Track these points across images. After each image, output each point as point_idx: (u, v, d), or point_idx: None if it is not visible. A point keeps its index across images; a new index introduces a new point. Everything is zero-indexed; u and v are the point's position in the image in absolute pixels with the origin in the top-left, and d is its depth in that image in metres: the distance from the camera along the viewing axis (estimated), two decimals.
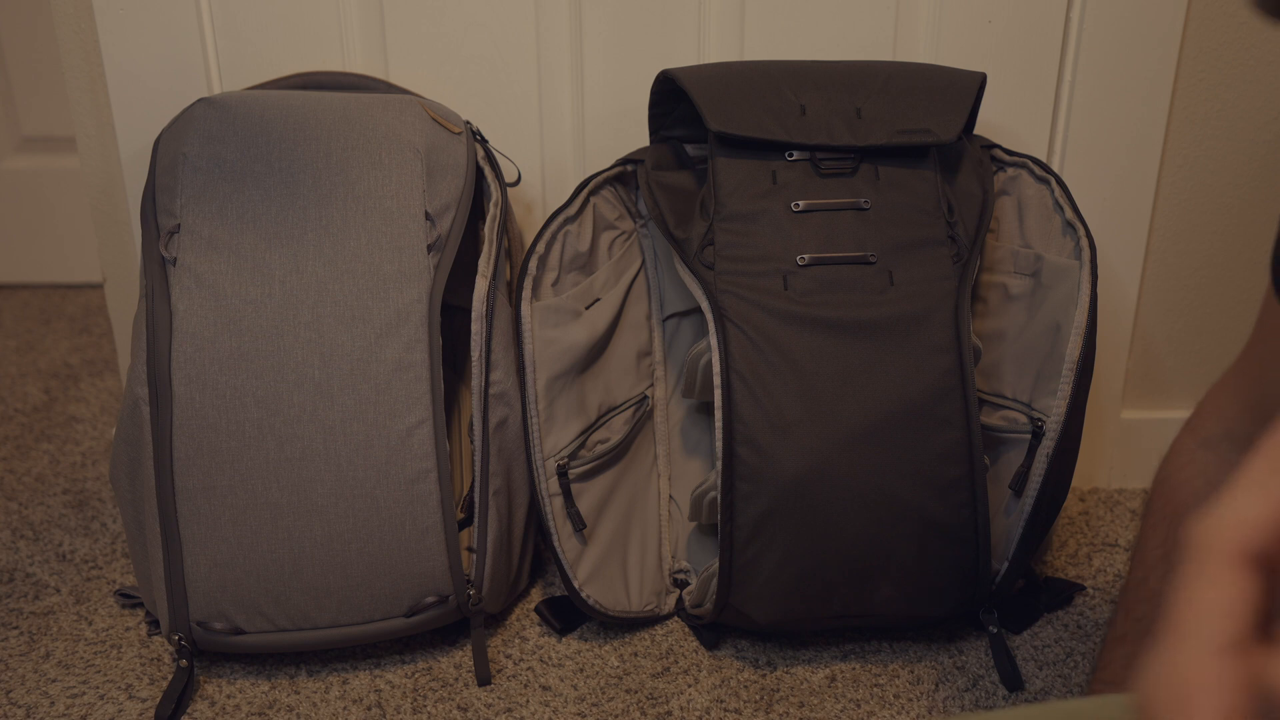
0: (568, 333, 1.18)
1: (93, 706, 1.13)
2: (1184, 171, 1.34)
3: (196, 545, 1.09)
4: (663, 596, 1.24)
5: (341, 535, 1.10)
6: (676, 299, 1.29)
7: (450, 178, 1.16)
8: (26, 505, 1.44)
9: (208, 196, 1.11)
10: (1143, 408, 1.45)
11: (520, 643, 1.21)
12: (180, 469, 1.08)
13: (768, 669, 1.18)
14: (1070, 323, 1.13)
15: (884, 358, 1.09)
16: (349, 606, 1.12)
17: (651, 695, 1.14)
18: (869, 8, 1.27)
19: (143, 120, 1.27)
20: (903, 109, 1.15)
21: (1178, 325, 1.41)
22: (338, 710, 1.13)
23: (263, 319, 1.09)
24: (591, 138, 1.32)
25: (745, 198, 1.13)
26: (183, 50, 1.26)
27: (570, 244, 1.20)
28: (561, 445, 1.18)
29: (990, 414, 1.21)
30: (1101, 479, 1.47)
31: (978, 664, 1.18)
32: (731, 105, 1.14)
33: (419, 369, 1.11)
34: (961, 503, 1.09)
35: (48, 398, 1.69)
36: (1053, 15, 1.26)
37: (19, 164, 1.97)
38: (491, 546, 1.16)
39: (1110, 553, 1.36)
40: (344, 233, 1.11)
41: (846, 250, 1.12)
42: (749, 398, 1.09)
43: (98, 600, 1.27)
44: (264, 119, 1.13)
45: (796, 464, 1.07)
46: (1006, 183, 1.23)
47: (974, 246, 1.14)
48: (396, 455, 1.10)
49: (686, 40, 1.28)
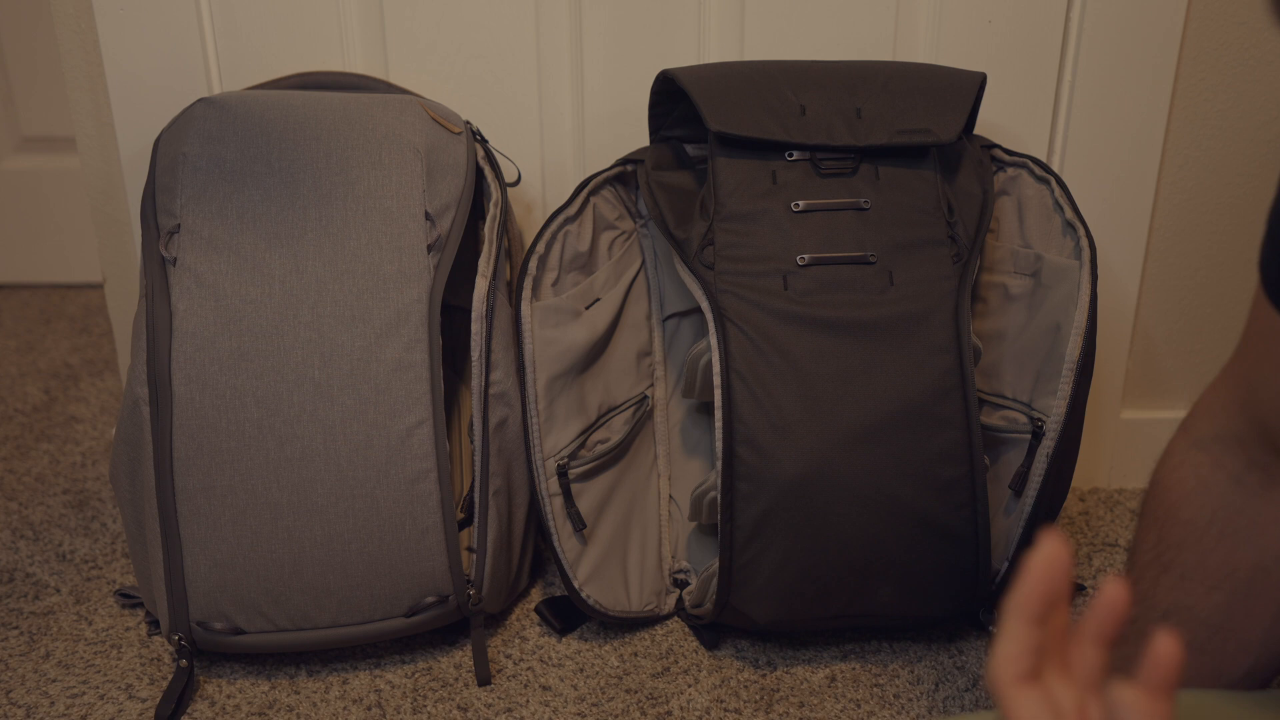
0: (568, 333, 1.18)
1: (93, 706, 1.13)
2: (1184, 171, 1.34)
3: (196, 545, 1.09)
4: (663, 596, 1.24)
5: (341, 535, 1.10)
6: (676, 299, 1.29)
7: (450, 178, 1.16)
8: (26, 505, 1.44)
9: (208, 196, 1.11)
10: (1143, 408, 1.45)
11: (520, 643, 1.21)
12: (180, 469, 1.08)
13: (768, 669, 1.18)
14: (1070, 323, 1.13)
15: (884, 358, 1.09)
16: (349, 606, 1.12)
17: (651, 695, 1.15)
18: (869, 8, 1.27)
19: (143, 120, 1.27)
20: (903, 109, 1.15)
21: (1178, 325, 1.41)
22: (338, 710, 1.13)
23: (263, 319, 1.09)
24: (591, 138, 1.32)
25: (745, 198, 1.13)
26: (183, 50, 1.26)
27: (570, 244, 1.21)
28: (561, 445, 1.18)
29: (990, 414, 1.21)
30: (1101, 479, 1.47)
31: (978, 664, 1.18)
32: (731, 105, 1.14)
33: (419, 369, 1.11)
34: (961, 503, 1.09)
35: (48, 398, 1.69)
36: (1053, 15, 1.26)
37: (19, 164, 1.97)
38: (491, 546, 1.16)
39: (1110, 553, 1.36)
40: (344, 233, 1.11)
41: (846, 250, 1.12)
42: (749, 398, 1.09)
43: (98, 600, 1.27)
44: (264, 119, 1.13)
45: (796, 464, 1.07)
46: (1006, 183, 1.23)
47: (974, 246, 1.14)
48: (396, 455, 1.10)
49: (686, 40, 1.28)
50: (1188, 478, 0.77)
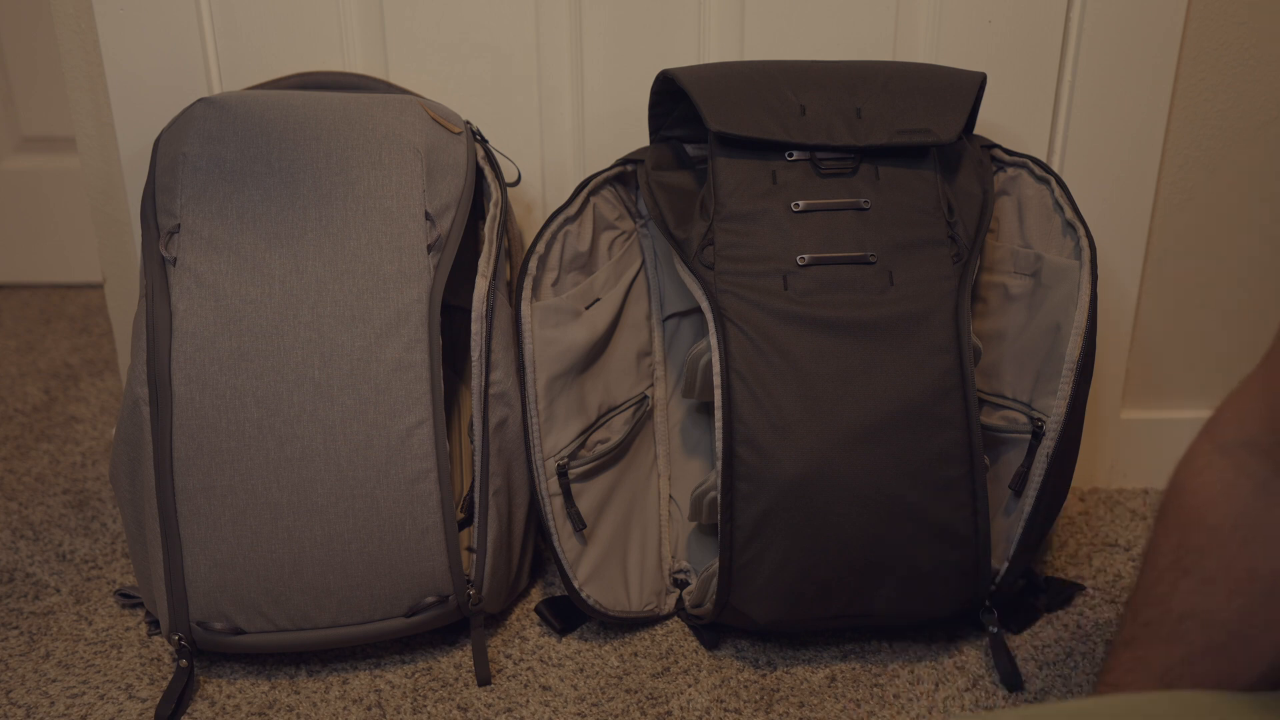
0: (568, 333, 1.18)
1: (93, 706, 1.13)
2: (1184, 171, 1.34)
3: (196, 545, 1.09)
4: (663, 596, 1.24)
5: (341, 535, 1.10)
6: (676, 299, 1.29)
7: (450, 178, 1.16)
8: (26, 505, 1.44)
9: (208, 196, 1.12)
10: (1143, 408, 1.45)
11: (520, 643, 1.21)
12: (180, 469, 1.08)
13: (768, 669, 1.18)
14: (1070, 323, 1.13)
15: (884, 358, 1.09)
16: (349, 606, 1.12)
17: (651, 695, 1.15)
18: (869, 8, 1.27)
19: (143, 120, 1.27)
20: (903, 109, 1.15)
21: (1178, 325, 1.41)
22: (338, 710, 1.13)
23: (263, 319, 1.09)
24: (591, 138, 1.32)
25: (745, 198, 1.13)
26: (183, 50, 1.26)
27: (570, 244, 1.21)
28: (561, 445, 1.18)
29: (990, 414, 1.21)
30: (1101, 479, 1.47)
31: (978, 664, 1.18)
32: (731, 105, 1.14)
33: (419, 369, 1.11)
34: (961, 503, 1.09)
35: (48, 398, 1.69)
36: (1053, 15, 1.26)
37: (19, 164, 1.97)
38: (491, 546, 1.16)
39: (1110, 553, 1.36)
40: (344, 233, 1.11)
41: (846, 250, 1.12)
42: (749, 398, 1.09)
43: (98, 600, 1.27)
44: (264, 119, 1.13)
45: (796, 464, 1.07)
46: (1006, 183, 1.23)
47: (974, 246, 1.14)
48: (396, 455, 1.10)
49: (686, 40, 1.28)
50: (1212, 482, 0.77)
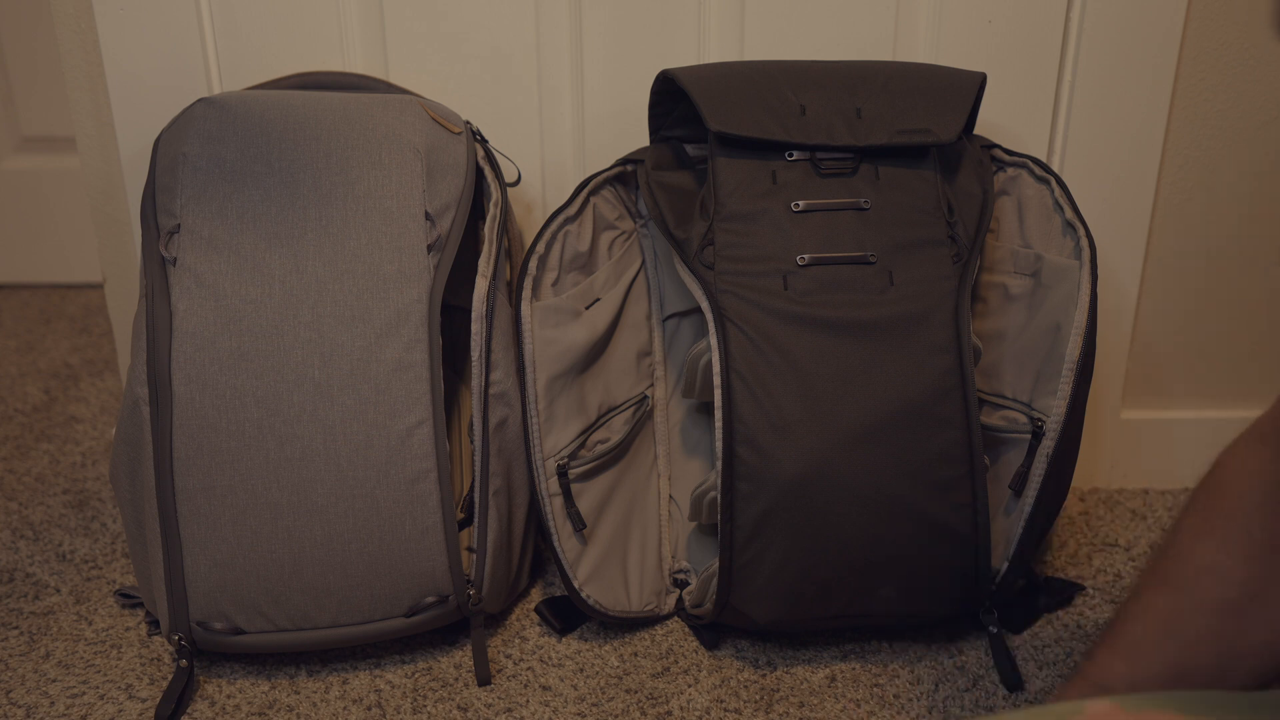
0: (568, 333, 1.18)
1: (93, 706, 1.13)
2: (1184, 171, 1.34)
3: (196, 545, 1.09)
4: (663, 596, 1.24)
5: (341, 535, 1.10)
6: (676, 299, 1.29)
7: (450, 178, 1.16)
8: (26, 505, 1.44)
9: (208, 196, 1.12)
10: (1143, 408, 1.45)
11: (520, 643, 1.21)
12: (180, 469, 1.08)
13: (768, 669, 1.18)
14: (1070, 323, 1.13)
15: (884, 358, 1.09)
16: (349, 606, 1.12)
17: (651, 695, 1.15)
18: (869, 8, 1.27)
19: (143, 120, 1.27)
20: (903, 109, 1.15)
21: (1178, 325, 1.41)
22: (338, 710, 1.13)
23: (263, 319, 1.09)
24: (591, 138, 1.32)
25: (745, 198, 1.13)
26: (183, 50, 1.26)
27: (570, 244, 1.21)
28: (561, 445, 1.18)
29: (990, 414, 1.21)
30: (1101, 479, 1.47)
31: (978, 664, 1.18)
32: (731, 105, 1.14)
33: (419, 369, 1.11)
34: (961, 503, 1.09)
35: (48, 398, 1.69)
36: (1053, 15, 1.26)
37: (19, 164, 1.97)
38: (491, 546, 1.16)
39: (1110, 553, 1.36)
40: (344, 233, 1.11)
41: (846, 250, 1.12)
42: (749, 398, 1.09)
43: (98, 600, 1.27)
44: (264, 119, 1.14)
45: (796, 464, 1.07)
46: (1006, 183, 1.23)
47: (974, 246, 1.14)
48: (396, 455, 1.10)
49: (686, 40, 1.28)
50: (1248, 460, 0.80)
